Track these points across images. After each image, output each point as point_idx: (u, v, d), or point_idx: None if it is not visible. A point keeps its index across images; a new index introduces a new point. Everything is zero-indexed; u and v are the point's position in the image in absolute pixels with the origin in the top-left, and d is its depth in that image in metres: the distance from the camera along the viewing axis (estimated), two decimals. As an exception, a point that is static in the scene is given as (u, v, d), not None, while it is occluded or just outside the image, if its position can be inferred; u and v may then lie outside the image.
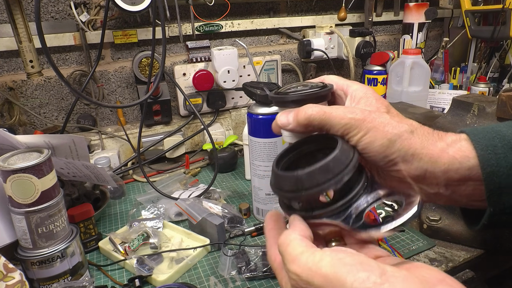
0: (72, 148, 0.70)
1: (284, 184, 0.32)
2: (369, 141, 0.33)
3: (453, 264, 0.65)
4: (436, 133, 0.35)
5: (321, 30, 1.27)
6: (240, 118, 1.22)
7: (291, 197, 0.33)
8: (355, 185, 0.32)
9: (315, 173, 0.30)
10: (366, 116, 0.33)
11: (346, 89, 0.38)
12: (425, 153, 0.33)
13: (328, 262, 0.26)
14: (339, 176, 0.30)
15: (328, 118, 0.33)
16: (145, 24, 1.11)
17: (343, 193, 0.32)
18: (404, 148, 0.33)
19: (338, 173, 0.30)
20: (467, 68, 1.45)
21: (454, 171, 0.33)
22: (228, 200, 0.89)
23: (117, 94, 1.15)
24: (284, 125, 0.36)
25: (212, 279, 0.63)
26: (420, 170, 0.34)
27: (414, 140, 0.33)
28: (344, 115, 0.33)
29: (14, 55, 1.00)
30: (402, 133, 0.33)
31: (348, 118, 0.33)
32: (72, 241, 0.58)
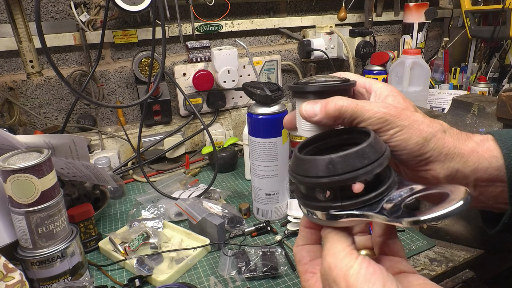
0: (72, 148, 0.70)
1: (312, 169, 0.29)
2: (404, 138, 0.32)
3: (453, 264, 0.65)
4: (464, 134, 0.35)
5: (321, 30, 1.27)
6: (240, 118, 1.22)
7: (319, 184, 0.29)
8: (386, 179, 0.30)
9: (350, 157, 0.28)
10: (400, 112, 0.32)
11: (369, 86, 0.37)
12: (457, 152, 0.33)
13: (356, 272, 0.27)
14: (375, 163, 0.28)
15: (361, 110, 0.31)
16: (145, 24, 1.11)
17: (375, 185, 0.29)
18: (439, 147, 0.32)
19: (374, 160, 0.28)
20: (467, 68, 1.45)
21: (483, 170, 0.33)
22: (228, 200, 0.89)
23: (117, 94, 1.15)
24: (310, 115, 0.33)
25: (212, 279, 0.63)
26: (451, 169, 0.33)
27: (447, 139, 0.33)
28: (378, 109, 0.31)
29: (14, 55, 1.00)
30: (436, 132, 0.32)
31: (382, 112, 0.31)
32: (72, 241, 0.58)
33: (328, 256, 0.29)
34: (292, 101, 1.36)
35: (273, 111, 0.72)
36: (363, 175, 0.28)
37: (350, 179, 0.28)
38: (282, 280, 0.62)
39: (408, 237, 0.71)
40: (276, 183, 0.76)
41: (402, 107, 0.33)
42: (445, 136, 0.33)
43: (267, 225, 0.75)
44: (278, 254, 0.66)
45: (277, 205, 0.78)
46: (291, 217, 0.76)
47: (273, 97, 0.72)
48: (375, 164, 0.28)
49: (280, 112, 0.73)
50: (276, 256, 0.66)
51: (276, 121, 0.73)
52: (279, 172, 0.76)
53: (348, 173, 0.28)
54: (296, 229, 0.75)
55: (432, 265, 0.64)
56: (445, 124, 0.34)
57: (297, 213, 0.75)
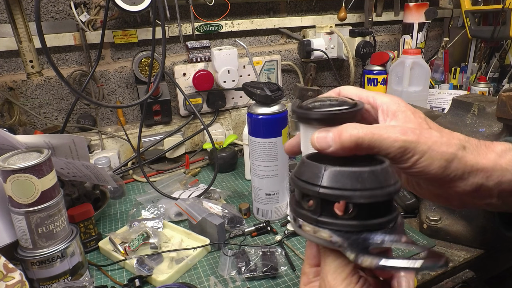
0: (72, 148, 0.70)
1: (305, 173, 0.29)
2: (426, 164, 0.31)
3: (453, 264, 0.65)
4: (483, 144, 0.34)
5: (321, 30, 1.27)
6: (240, 118, 1.22)
7: (304, 189, 0.29)
8: (380, 216, 0.28)
9: (344, 175, 0.27)
10: (419, 136, 0.30)
11: (373, 101, 0.35)
12: (480, 168, 0.32)
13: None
14: (367, 192, 0.26)
15: (379, 140, 0.30)
16: (145, 24, 1.11)
17: (365, 215, 0.27)
18: (461, 167, 0.32)
19: (368, 189, 0.27)
20: (467, 68, 1.45)
21: (508, 183, 0.33)
22: (228, 200, 0.89)
23: (117, 94, 1.15)
24: (323, 147, 0.31)
25: (212, 279, 0.63)
26: (475, 185, 0.33)
27: (469, 156, 0.32)
28: (396, 137, 0.30)
29: (14, 55, 1.00)
30: (457, 151, 0.31)
31: (402, 141, 0.30)
32: (72, 241, 0.58)
33: (329, 275, 0.29)
34: (292, 101, 1.36)
35: (273, 111, 0.72)
36: (345, 197, 0.27)
37: (332, 196, 0.27)
38: (282, 280, 0.62)
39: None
40: (276, 183, 0.76)
41: (416, 126, 0.33)
42: (465, 154, 0.32)
43: (267, 225, 0.75)
44: (278, 254, 0.66)
45: (277, 205, 0.78)
46: (291, 217, 0.76)
47: (273, 97, 0.72)
48: (366, 193, 0.26)
49: (280, 112, 0.73)
50: (276, 256, 0.66)
51: (276, 121, 0.73)
52: (279, 172, 0.76)
53: (333, 189, 0.27)
54: (296, 229, 0.75)
55: (432, 265, 0.64)
56: (462, 137, 0.33)
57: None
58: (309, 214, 0.29)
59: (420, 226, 0.72)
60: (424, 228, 0.71)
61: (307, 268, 0.33)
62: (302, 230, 0.30)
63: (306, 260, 0.34)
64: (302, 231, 0.30)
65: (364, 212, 0.27)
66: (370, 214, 0.27)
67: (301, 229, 0.30)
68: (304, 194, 0.30)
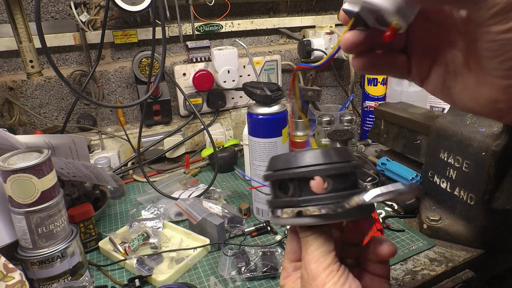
0: (72, 148, 0.70)
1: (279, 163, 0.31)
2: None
3: (453, 264, 0.65)
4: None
5: (321, 30, 1.27)
6: (240, 118, 1.22)
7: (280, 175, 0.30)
8: (353, 187, 0.30)
9: (313, 154, 0.29)
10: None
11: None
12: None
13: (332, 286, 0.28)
14: (350, 163, 0.29)
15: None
16: (145, 24, 1.11)
17: (339, 188, 0.30)
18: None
19: (336, 162, 0.29)
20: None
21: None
22: (228, 200, 0.89)
23: (117, 94, 1.15)
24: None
25: (212, 279, 0.63)
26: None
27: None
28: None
29: (14, 55, 1.00)
30: None
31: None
32: (72, 241, 0.58)
33: (312, 264, 0.29)
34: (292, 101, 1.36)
35: (273, 111, 0.72)
36: (320, 171, 0.29)
37: (307, 172, 0.29)
38: (282, 280, 0.62)
39: (408, 237, 0.71)
40: (276, 183, 0.76)
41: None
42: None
43: (267, 225, 0.75)
44: (278, 254, 0.66)
45: (277, 205, 0.78)
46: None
47: (273, 97, 0.72)
48: (337, 165, 0.29)
49: (280, 112, 0.73)
50: (276, 256, 0.66)
51: (276, 121, 0.73)
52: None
53: (307, 166, 0.29)
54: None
55: (432, 265, 0.64)
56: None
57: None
58: (289, 199, 0.30)
59: (420, 226, 0.72)
60: (424, 228, 0.71)
61: (287, 263, 0.34)
62: (283, 218, 0.31)
63: (286, 256, 0.35)
64: (284, 219, 0.30)
65: (338, 185, 0.29)
66: (343, 186, 0.29)
67: (282, 217, 0.31)
68: (281, 183, 0.31)
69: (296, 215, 0.29)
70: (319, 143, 1.16)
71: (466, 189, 0.65)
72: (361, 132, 1.24)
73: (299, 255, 0.33)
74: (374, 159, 1.00)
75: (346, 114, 1.16)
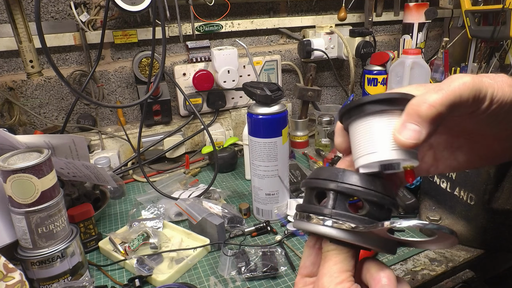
0: (72, 148, 0.70)
1: (324, 173, 0.31)
2: (500, 95, 0.28)
3: (453, 264, 0.65)
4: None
5: (321, 30, 1.27)
6: (240, 118, 1.22)
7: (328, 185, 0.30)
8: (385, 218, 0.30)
9: (360, 177, 0.30)
10: (476, 77, 0.28)
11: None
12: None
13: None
14: (391, 199, 0.30)
15: (453, 94, 0.27)
16: (145, 24, 1.11)
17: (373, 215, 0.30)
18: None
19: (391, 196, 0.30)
20: (467, 68, 1.45)
21: None
22: (228, 200, 0.89)
23: (117, 94, 1.15)
24: (417, 138, 0.27)
25: (212, 279, 0.63)
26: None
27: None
28: (465, 81, 0.27)
29: (14, 55, 1.00)
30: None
31: (471, 80, 0.27)
32: (72, 241, 0.58)
33: (325, 278, 0.29)
34: (292, 101, 1.36)
35: (273, 111, 0.72)
36: (361, 193, 0.29)
37: (349, 190, 0.29)
38: (282, 280, 0.62)
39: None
40: (276, 183, 0.76)
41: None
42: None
43: (267, 225, 0.75)
44: (278, 254, 0.66)
45: (277, 205, 0.78)
46: (291, 217, 0.76)
47: (273, 97, 0.72)
48: (379, 195, 0.29)
49: (280, 112, 0.73)
50: (276, 256, 0.66)
51: (276, 121, 0.73)
52: (279, 172, 0.76)
53: (350, 185, 0.29)
54: (296, 229, 0.75)
55: (432, 265, 0.64)
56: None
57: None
58: (323, 208, 0.30)
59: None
60: (424, 228, 0.71)
61: (298, 278, 0.34)
62: (311, 223, 0.30)
63: (299, 270, 0.34)
64: (312, 224, 0.30)
65: (373, 212, 0.30)
66: (377, 216, 0.30)
67: (310, 222, 0.31)
68: (319, 192, 0.31)
69: (325, 225, 0.29)
70: (319, 143, 1.16)
71: (466, 189, 0.65)
72: (361, 132, 1.24)
73: (312, 271, 0.33)
74: (374, 159, 0.99)
75: (346, 114, 1.16)
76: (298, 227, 0.32)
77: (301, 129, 1.20)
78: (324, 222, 0.29)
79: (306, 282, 0.33)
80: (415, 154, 0.29)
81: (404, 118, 0.27)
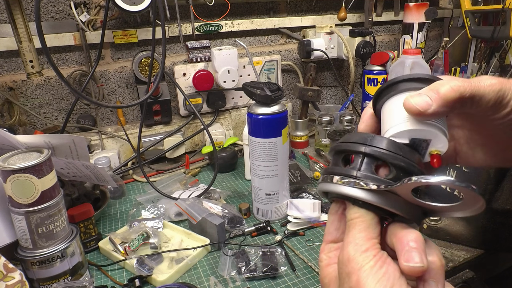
0: (72, 148, 0.70)
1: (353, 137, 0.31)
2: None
3: (453, 264, 0.65)
4: None
5: (321, 30, 1.27)
6: (240, 118, 1.22)
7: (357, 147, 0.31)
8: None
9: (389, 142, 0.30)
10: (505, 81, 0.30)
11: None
12: None
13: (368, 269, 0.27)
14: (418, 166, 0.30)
15: (478, 88, 0.29)
16: (145, 24, 1.11)
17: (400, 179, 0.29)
18: None
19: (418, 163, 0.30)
20: (467, 68, 1.45)
21: None
22: (228, 200, 0.89)
23: (117, 94, 1.15)
24: (423, 109, 0.29)
25: (212, 279, 0.63)
26: None
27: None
28: (492, 83, 0.29)
29: (14, 55, 1.00)
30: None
31: (499, 83, 0.29)
32: (72, 241, 0.58)
33: (350, 246, 0.29)
34: (292, 101, 1.36)
35: (273, 111, 0.72)
36: (389, 156, 0.29)
37: (377, 153, 0.29)
38: (282, 280, 0.62)
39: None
40: (276, 183, 0.76)
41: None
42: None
43: (267, 225, 0.75)
44: (278, 254, 0.66)
45: (277, 205, 0.78)
46: (291, 217, 0.76)
47: (273, 97, 0.72)
48: (406, 160, 0.29)
49: (280, 112, 0.73)
50: (276, 256, 0.66)
51: (276, 121, 0.73)
52: (279, 172, 0.76)
53: (378, 148, 0.29)
54: (296, 229, 0.75)
55: (432, 265, 0.64)
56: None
57: (297, 213, 0.75)
58: (350, 170, 0.30)
59: (420, 226, 0.72)
60: (424, 228, 0.71)
61: (323, 245, 0.34)
62: (337, 184, 0.30)
63: (324, 237, 0.34)
64: (338, 185, 0.30)
65: (400, 178, 0.29)
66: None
67: (336, 183, 0.30)
68: (347, 156, 0.32)
69: (352, 185, 0.29)
70: (319, 143, 1.16)
71: (466, 189, 0.65)
72: (361, 132, 1.24)
73: (336, 236, 0.33)
74: (374, 159, 1.00)
75: (346, 114, 1.16)
76: (322, 188, 0.32)
77: (301, 129, 1.20)
78: (349, 183, 0.29)
79: (331, 248, 0.33)
80: (443, 134, 0.30)
81: (423, 90, 0.29)
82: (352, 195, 0.30)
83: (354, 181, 0.29)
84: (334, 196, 0.32)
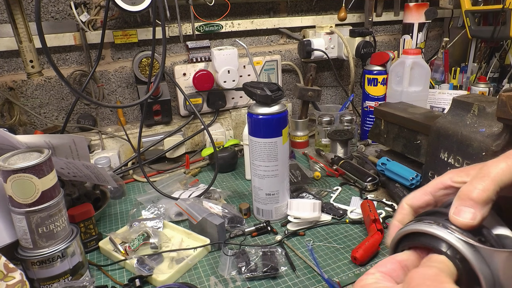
0: (72, 148, 0.70)
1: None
2: None
3: (453, 264, 0.64)
4: None
5: (321, 30, 1.27)
6: (240, 118, 1.22)
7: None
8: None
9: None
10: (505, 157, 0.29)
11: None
12: None
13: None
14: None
15: (501, 177, 0.28)
16: (145, 24, 1.11)
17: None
18: None
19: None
20: (467, 68, 1.45)
21: None
22: (228, 200, 0.89)
23: (117, 94, 1.15)
24: (472, 219, 0.27)
25: (212, 279, 0.63)
26: None
27: None
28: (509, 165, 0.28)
29: (14, 55, 1.00)
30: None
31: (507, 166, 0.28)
32: (72, 241, 0.58)
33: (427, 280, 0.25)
34: (292, 101, 1.36)
35: (273, 111, 0.72)
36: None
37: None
38: (282, 280, 0.62)
39: None
40: (276, 183, 0.76)
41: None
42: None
43: (267, 225, 0.75)
44: (278, 254, 0.66)
45: (277, 205, 0.78)
46: (291, 217, 0.76)
47: (273, 97, 0.72)
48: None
49: (280, 112, 0.73)
50: (276, 256, 0.66)
51: (276, 121, 0.73)
52: (279, 172, 0.76)
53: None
54: (296, 229, 0.75)
55: (432, 265, 0.64)
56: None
57: (297, 213, 0.75)
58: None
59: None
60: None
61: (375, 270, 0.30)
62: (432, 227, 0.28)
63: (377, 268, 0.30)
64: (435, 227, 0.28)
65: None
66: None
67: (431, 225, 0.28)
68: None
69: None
70: (319, 143, 1.16)
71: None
72: (361, 132, 1.24)
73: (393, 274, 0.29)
74: (374, 159, 1.00)
75: (346, 114, 1.16)
76: (425, 230, 0.28)
77: (301, 129, 1.20)
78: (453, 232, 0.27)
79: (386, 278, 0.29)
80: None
81: (457, 202, 0.28)
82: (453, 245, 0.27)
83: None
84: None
